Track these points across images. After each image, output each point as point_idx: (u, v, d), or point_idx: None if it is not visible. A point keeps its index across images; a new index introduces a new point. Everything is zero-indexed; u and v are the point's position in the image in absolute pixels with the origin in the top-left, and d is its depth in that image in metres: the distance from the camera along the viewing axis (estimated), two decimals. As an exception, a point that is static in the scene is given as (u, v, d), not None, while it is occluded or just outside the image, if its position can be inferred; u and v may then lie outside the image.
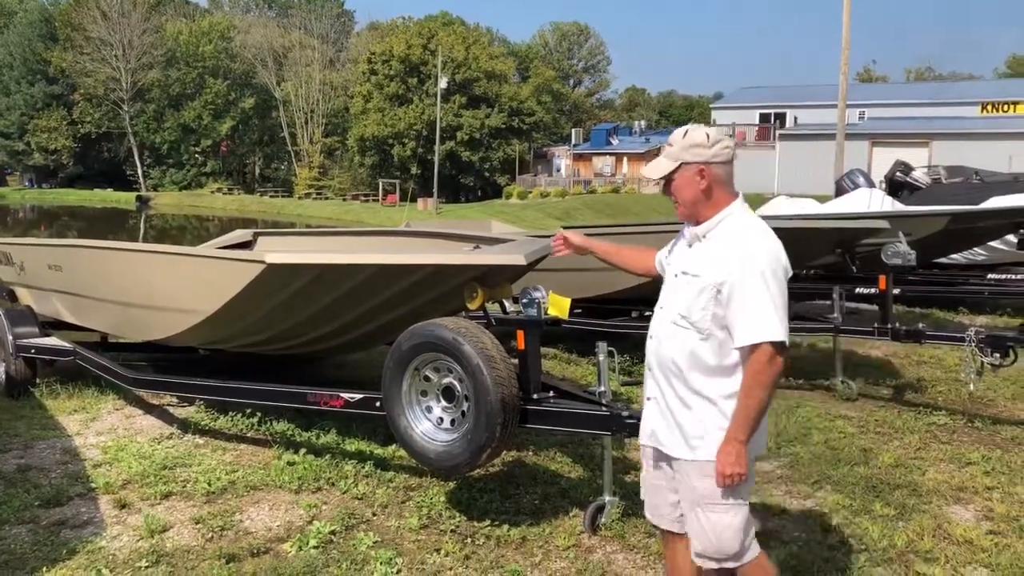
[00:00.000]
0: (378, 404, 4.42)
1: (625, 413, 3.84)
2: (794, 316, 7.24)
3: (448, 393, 4.08)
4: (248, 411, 5.80)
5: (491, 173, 56.67)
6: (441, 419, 4.13)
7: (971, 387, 6.21)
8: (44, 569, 3.83)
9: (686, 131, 2.91)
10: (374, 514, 4.42)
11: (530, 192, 50.88)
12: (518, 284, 4.39)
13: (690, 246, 2.94)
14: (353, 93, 59.24)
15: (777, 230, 2.87)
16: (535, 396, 4.08)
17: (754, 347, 2.70)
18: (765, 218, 3.39)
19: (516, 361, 4.04)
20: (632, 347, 7.55)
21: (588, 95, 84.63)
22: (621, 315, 7.63)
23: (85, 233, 43.34)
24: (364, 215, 47.01)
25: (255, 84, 66.04)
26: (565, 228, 3.60)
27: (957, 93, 51.13)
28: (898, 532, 4.19)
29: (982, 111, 46.44)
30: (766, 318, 2.68)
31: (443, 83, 47.67)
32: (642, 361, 8.02)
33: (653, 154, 56.71)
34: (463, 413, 4.02)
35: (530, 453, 5.27)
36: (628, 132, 64.42)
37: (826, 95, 46.30)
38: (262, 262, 4.38)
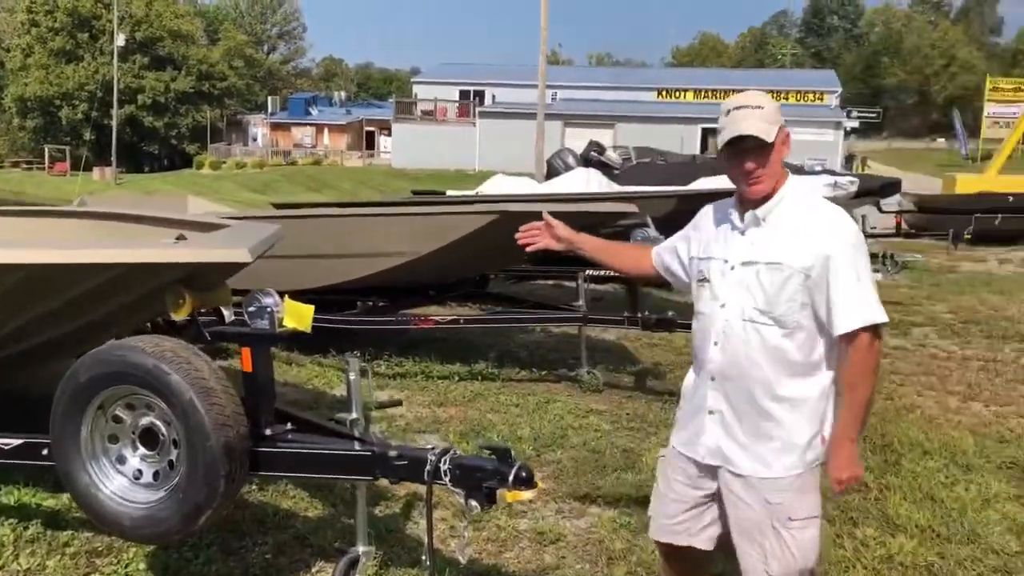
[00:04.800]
0: (45, 452, 3.27)
1: (392, 453, 3.00)
2: (538, 304, 6.87)
3: (149, 437, 3.05)
4: None
5: (179, 141, 52.68)
6: (139, 472, 3.08)
7: None
8: None
9: (761, 93, 2.55)
10: (43, 601, 3.28)
11: (224, 162, 47.81)
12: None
13: (743, 233, 2.56)
14: (10, 46, 51.98)
15: (522, 214, 2.28)
16: (268, 433, 3.17)
17: (851, 334, 2.43)
18: (494, 200, 2.82)
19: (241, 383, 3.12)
20: (364, 344, 6.71)
21: (283, 62, 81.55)
22: (347, 308, 6.71)
23: None
24: (27, 185, 41.37)
25: None
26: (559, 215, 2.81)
27: (637, 79, 54.97)
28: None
29: (658, 96, 50.27)
30: (866, 299, 2.43)
31: (121, 40, 43.15)
32: (385, 366, 6.97)
33: (355, 126, 55.44)
34: (171, 463, 3.00)
35: (253, 487, 4.30)
36: (328, 103, 62.52)
37: (521, 75, 47.63)
38: None
